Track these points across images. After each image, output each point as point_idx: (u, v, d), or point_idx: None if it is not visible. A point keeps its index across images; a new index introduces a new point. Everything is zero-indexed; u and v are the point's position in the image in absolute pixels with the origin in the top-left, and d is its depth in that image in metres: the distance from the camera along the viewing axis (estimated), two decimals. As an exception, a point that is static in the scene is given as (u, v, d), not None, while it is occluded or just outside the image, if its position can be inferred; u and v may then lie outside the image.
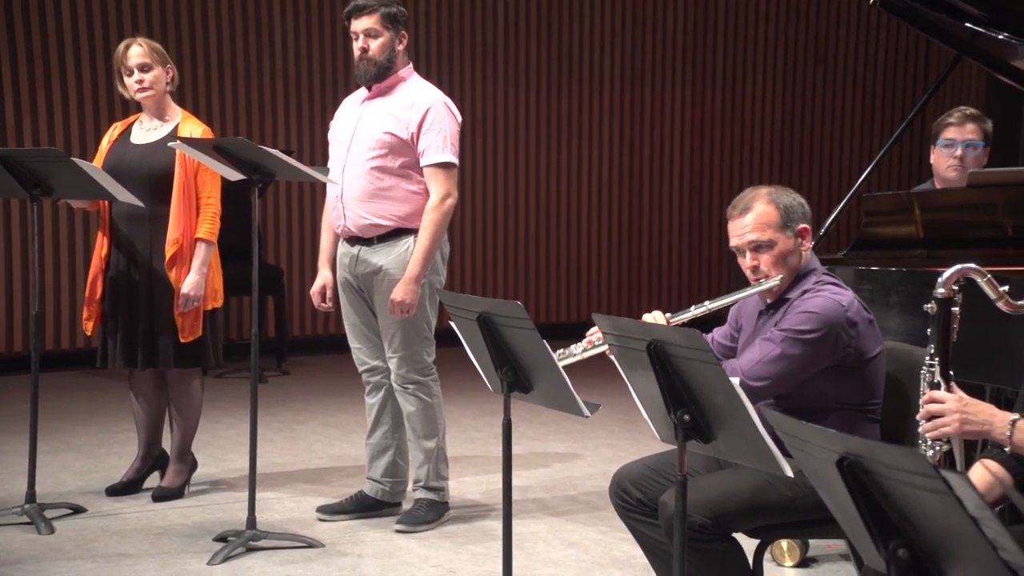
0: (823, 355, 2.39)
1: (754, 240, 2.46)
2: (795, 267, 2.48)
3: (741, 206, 2.49)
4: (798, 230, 2.47)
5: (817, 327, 2.37)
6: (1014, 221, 3.56)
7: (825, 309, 2.38)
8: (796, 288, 2.47)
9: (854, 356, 2.41)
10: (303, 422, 5.06)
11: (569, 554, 3.38)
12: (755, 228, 2.45)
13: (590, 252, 7.21)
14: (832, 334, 2.37)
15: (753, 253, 2.47)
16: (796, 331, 2.38)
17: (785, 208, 2.47)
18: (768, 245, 2.45)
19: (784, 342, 2.38)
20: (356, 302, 3.61)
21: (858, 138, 7.61)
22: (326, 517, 3.64)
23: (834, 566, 3.24)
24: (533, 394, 2.46)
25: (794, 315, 2.41)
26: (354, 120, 3.56)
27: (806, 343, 2.37)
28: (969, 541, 1.25)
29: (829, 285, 2.45)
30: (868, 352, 2.42)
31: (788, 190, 2.52)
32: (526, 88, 6.96)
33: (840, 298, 2.41)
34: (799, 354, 2.37)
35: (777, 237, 2.45)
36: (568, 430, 4.82)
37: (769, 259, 2.45)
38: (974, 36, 3.52)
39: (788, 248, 2.46)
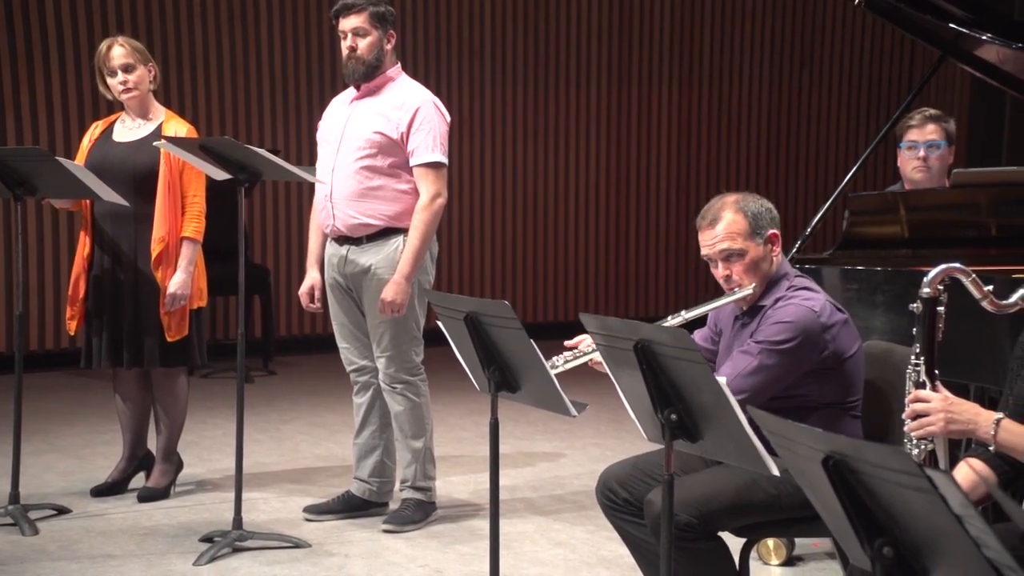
0: (801, 362, 2.40)
1: (725, 249, 2.47)
2: (767, 273, 2.49)
3: (710, 216, 2.50)
4: (768, 236, 2.48)
5: (792, 336, 2.38)
6: (998, 221, 3.59)
7: (799, 317, 2.40)
8: (770, 295, 2.49)
9: (832, 358, 2.42)
10: (290, 422, 5.05)
11: (556, 553, 3.38)
12: (725, 238, 2.46)
13: (577, 251, 7.21)
14: (808, 341, 2.39)
15: (725, 263, 2.48)
16: (772, 342, 2.39)
17: (753, 215, 2.48)
18: (739, 254, 2.46)
19: (761, 354, 2.39)
20: (344, 302, 3.61)
21: (844, 138, 7.64)
22: (313, 517, 3.63)
23: (820, 564, 3.25)
24: (520, 394, 2.46)
25: (768, 326, 2.42)
26: (343, 120, 3.55)
27: (782, 353, 2.38)
28: (953, 539, 1.25)
29: (801, 290, 2.46)
30: (846, 352, 2.44)
31: (754, 196, 2.52)
32: (513, 88, 6.96)
33: (812, 304, 2.42)
34: (776, 364, 2.38)
35: (747, 246, 2.46)
36: (555, 429, 4.83)
37: (741, 268, 2.46)
38: (958, 37, 3.54)
39: (759, 255, 2.47)
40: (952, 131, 3.59)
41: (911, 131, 3.58)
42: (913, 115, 3.60)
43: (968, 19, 3.56)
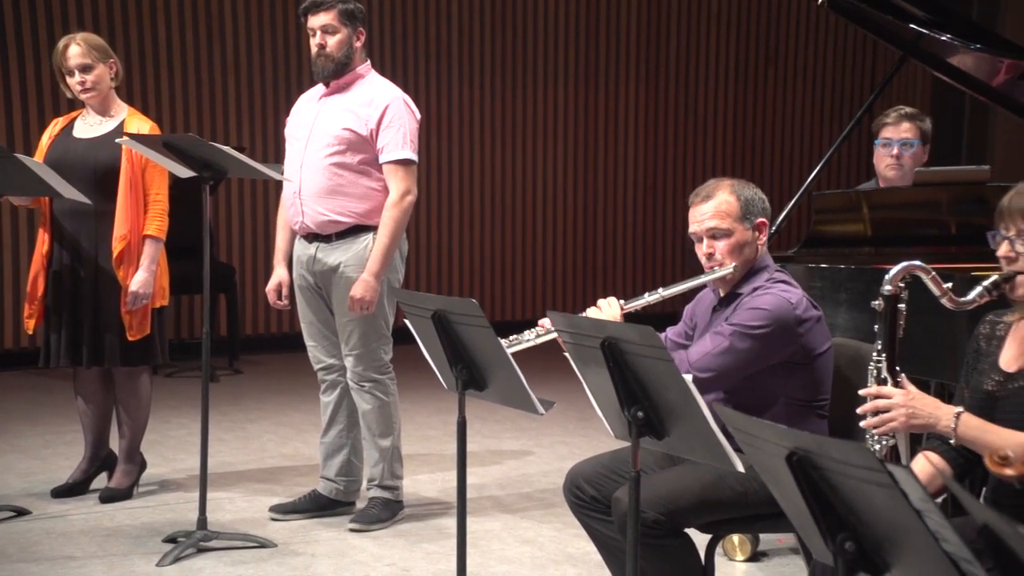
0: (771, 351, 2.43)
1: (712, 227, 2.50)
2: (749, 259, 2.52)
3: (703, 194, 2.54)
4: (756, 223, 2.52)
5: (766, 323, 2.41)
6: (957, 219, 3.64)
7: (775, 306, 2.42)
8: (748, 283, 2.51)
9: (802, 352, 2.44)
10: (255, 421, 5.02)
11: (523, 551, 3.39)
12: (715, 216, 2.50)
13: (545, 249, 7.22)
14: (780, 331, 2.41)
15: (710, 240, 2.51)
16: (745, 326, 2.42)
17: (746, 200, 2.51)
18: (725, 233, 2.49)
19: (733, 336, 2.42)
20: (313, 300, 3.59)
21: (808, 136, 7.72)
22: (279, 517, 3.61)
23: (784, 560, 3.28)
24: (488, 392, 2.46)
25: (744, 311, 2.45)
26: (312, 116, 3.54)
27: (754, 338, 2.41)
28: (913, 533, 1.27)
29: (780, 283, 2.49)
30: (816, 349, 2.46)
31: (750, 184, 2.57)
32: (480, 85, 6.96)
33: (789, 296, 2.45)
34: (747, 348, 2.41)
35: (735, 227, 2.49)
36: (523, 427, 4.83)
37: (725, 248, 2.49)
38: (919, 37, 3.59)
39: (744, 239, 2.50)
40: (927, 130, 3.63)
41: (886, 128, 3.61)
42: (889, 112, 3.63)
43: (928, 20, 3.61)
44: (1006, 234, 1.93)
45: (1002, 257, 1.94)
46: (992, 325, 2.05)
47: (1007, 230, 1.93)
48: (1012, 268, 1.93)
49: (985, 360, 2.02)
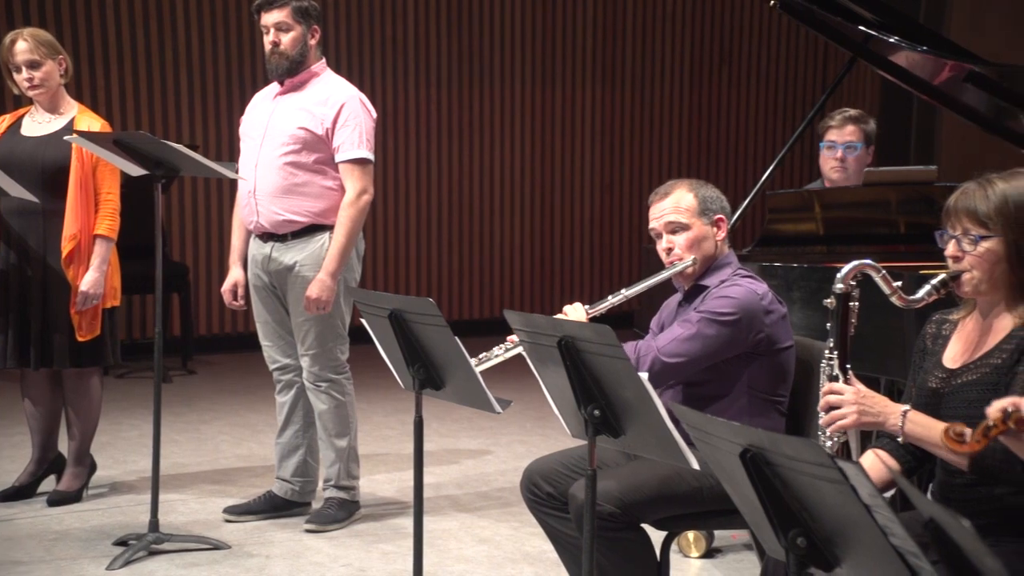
0: (737, 339, 2.47)
1: (672, 222, 2.56)
2: (709, 254, 2.57)
3: (662, 192, 2.61)
4: (714, 219, 2.57)
5: (734, 311, 2.46)
6: (906, 219, 3.71)
7: (742, 296, 2.48)
8: (714, 276, 2.56)
9: (766, 343, 2.49)
10: (209, 422, 4.96)
11: (480, 550, 3.39)
12: (673, 211, 2.56)
13: (503, 249, 7.23)
14: (747, 319, 2.46)
15: (669, 236, 2.56)
16: (714, 313, 2.47)
17: (704, 198, 2.57)
18: (684, 228, 2.55)
19: (700, 322, 2.47)
20: (268, 299, 3.56)
21: (762, 137, 7.81)
22: (233, 518, 3.58)
23: (738, 556, 3.32)
24: (445, 391, 2.46)
25: (712, 299, 2.51)
26: (266, 115, 3.51)
27: (722, 324, 2.45)
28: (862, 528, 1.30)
29: (746, 278, 2.55)
30: (779, 343, 2.51)
31: (709, 184, 2.63)
32: (437, 85, 6.94)
33: (756, 288, 2.51)
34: (714, 335, 2.45)
35: (693, 222, 2.55)
36: (480, 427, 4.83)
37: (684, 242, 2.54)
38: (867, 39, 3.65)
39: (703, 234, 2.55)
40: (871, 132, 3.70)
41: (830, 131, 3.68)
42: (834, 115, 3.70)
43: (877, 22, 3.67)
44: (953, 233, 1.97)
45: (949, 256, 1.98)
46: (938, 324, 2.09)
47: (953, 229, 1.97)
48: (958, 267, 1.97)
49: (931, 359, 2.06)
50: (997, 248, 1.93)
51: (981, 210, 1.93)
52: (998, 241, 1.93)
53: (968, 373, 1.96)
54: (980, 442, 1.58)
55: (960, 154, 6.39)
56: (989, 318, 1.99)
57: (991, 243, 1.93)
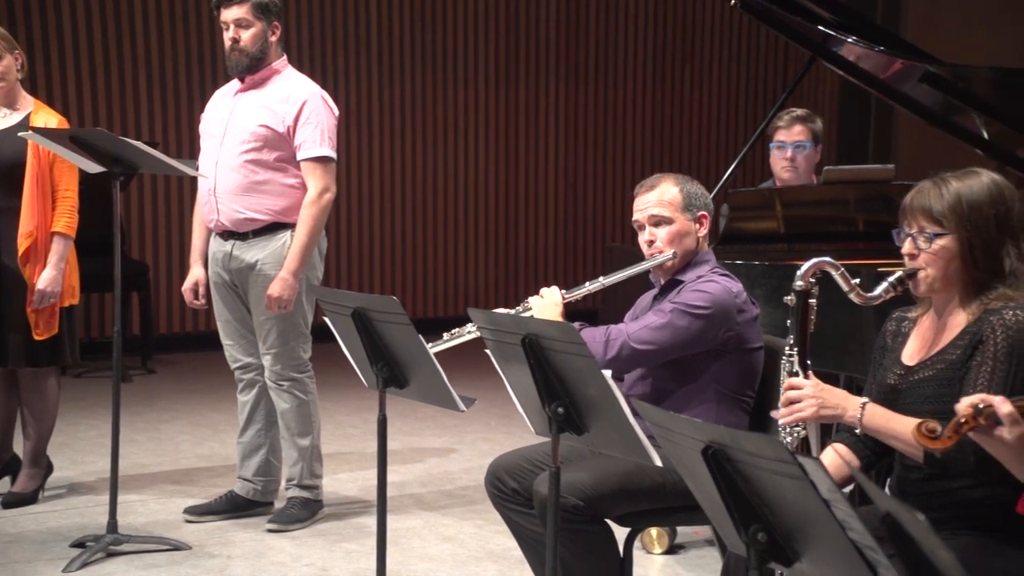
0: (708, 333, 2.49)
1: (655, 215, 2.57)
2: (690, 250, 2.59)
3: (648, 184, 2.63)
4: (697, 215, 2.60)
5: (707, 305, 2.49)
6: (865, 217, 3.77)
7: (717, 292, 2.51)
8: (691, 272, 2.58)
9: (735, 341, 2.51)
10: (169, 421, 4.91)
11: (444, 549, 3.39)
12: (657, 204, 2.58)
13: (467, 247, 7.22)
14: (719, 315, 2.49)
15: (652, 228, 2.58)
16: (687, 305, 2.50)
17: (688, 193, 2.60)
18: (667, 221, 2.57)
19: (673, 313, 2.49)
20: (229, 298, 3.53)
21: (724, 135, 7.87)
22: (194, 518, 3.54)
23: (700, 552, 3.35)
24: (409, 389, 2.45)
25: (687, 292, 2.53)
26: (227, 112, 3.48)
27: (693, 317, 2.48)
28: (821, 523, 1.32)
29: (723, 276, 2.58)
30: (749, 342, 2.53)
31: (696, 181, 2.65)
32: (400, 82, 6.91)
33: (731, 286, 2.54)
34: (685, 326, 2.48)
35: (676, 216, 2.57)
36: (445, 425, 4.83)
37: (666, 236, 2.57)
38: (826, 39, 3.69)
39: (685, 229, 2.57)
40: (818, 131, 3.75)
41: (779, 132, 3.74)
42: (782, 115, 3.75)
43: (835, 22, 3.72)
44: (909, 231, 2.00)
45: (905, 254, 2.01)
46: (898, 322, 2.12)
47: (909, 227, 2.00)
48: (914, 264, 2.00)
49: (890, 356, 2.10)
50: (951, 246, 1.96)
51: (936, 208, 1.97)
52: (952, 239, 1.96)
53: (925, 369, 2.00)
54: (952, 438, 1.60)
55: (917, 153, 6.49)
56: (944, 315, 2.03)
57: (945, 241, 1.96)
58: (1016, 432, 1.58)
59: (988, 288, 1.96)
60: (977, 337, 1.93)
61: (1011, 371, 1.87)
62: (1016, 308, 1.92)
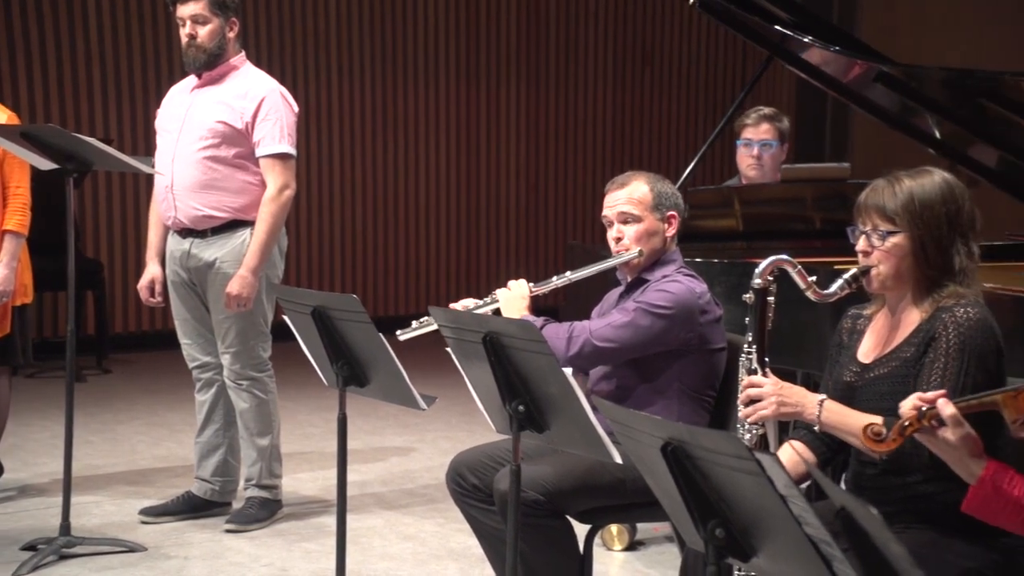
0: (670, 333, 2.50)
1: (624, 212, 2.58)
2: (657, 249, 2.60)
3: (619, 181, 2.63)
4: (666, 215, 2.61)
5: (670, 305, 2.50)
6: (821, 215, 3.82)
7: (680, 292, 2.52)
8: (657, 271, 2.59)
9: (698, 341, 2.53)
10: (125, 422, 4.84)
11: (405, 547, 3.38)
12: (627, 202, 2.59)
13: (428, 246, 7.20)
14: (682, 315, 2.50)
15: (620, 225, 2.59)
16: (650, 304, 2.51)
17: (659, 192, 2.61)
18: (635, 219, 2.58)
19: (636, 311, 2.50)
20: (187, 296, 3.49)
21: (683, 134, 7.93)
22: (150, 519, 3.50)
23: (660, 548, 3.37)
24: (369, 388, 2.44)
25: (651, 292, 2.54)
26: (184, 108, 3.44)
27: (656, 316, 2.49)
28: (778, 518, 1.33)
29: (688, 276, 2.59)
30: (712, 343, 2.55)
31: (667, 180, 2.67)
32: (360, 80, 6.88)
33: (695, 286, 2.55)
34: (647, 326, 2.49)
35: (645, 215, 2.58)
36: (406, 423, 4.81)
37: (634, 234, 2.58)
38: (783, 39, 3.73)
39: (653, 228, 2.58)
40: (785, 130, 3.79)
41: (746, 129, 3.76)
42: (749, 113, 3.78)
43: (792, 22, 3.76)
44: (863, 229, 2.03)
45: (859, 251, 2.04)
46: (853, 319, 2.15)
47: (864, 225, 2.03)
48: (867, 262, 2.02)
49: (846, 353, 2.12)
50: (904, 243, 1.99)
51: (889, 207, 1.99)
52: (905, 237, 1.99)
53: (880, 367, 2.02)
54: (896, 440, 1.63)
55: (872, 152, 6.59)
56: (897, 312, 2.06)
57: (898, 239, 1.99)
58: (959, 434, 1.61)
59: (939, 286, 1.99)
60: (930, 335, 1.96)
61: (963, 367, 1.90)
62: (967, 305, 1.95)
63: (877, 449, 1.65)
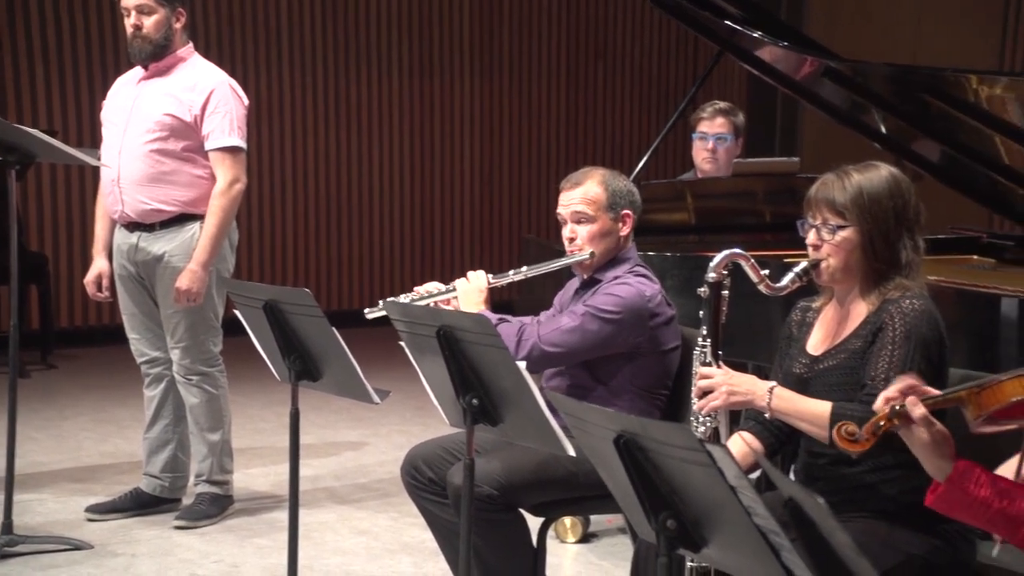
0: (619, 338, 2.50)
1: (578, 212, 2.57)
2: (611, 248, 2.59)
3: (574, 180, 2.61)
4: (621, 214, 2.60)
5: (618, 310, 2.49)
6: (772, 208, 3.86)
7: (629, 296, 2.51)
8: (610, 271, 2.59)
9: (648, 345, 2.53)
10: (71, 418, 4.75)
11: (358, 542, 3.36)
12: (582, 202, 2.57)
13: (382, 240, 7.16)
14: (631, 320, 2.49)
15: (574, 225, 2.58)
16: (599, 309, 2.50)
17: (614, 191, 2.59)
18: (589, 220, 2.57)
19: (585, 316, 2.50)
20: (135, 290, 3.44)
21: (636, 127, 7.97)
22: (96, 517, 3.45)
23: (613, 540, 3.39)
24: (322, 382, 2.43)
25: (600, 295, 2.54)
26: (130, 100, 3.38)
27: (604, 322, 2.49)
28: (728, 509, 1.35)
29: (640, 276, 2.58)
30: (663, 344, 2.55)
31: (622, 176, 2.65)
32: (313, 73, 6.81)
33: (645, 289, 2.54)
34: (595, 331, 2.49)
35: (599, 215, 2.57)
36: (360, 417, 4.79)
37: (587, 234, 2.57)
38: (733, 34, 3.77)
39: (606, 228, 2.57)
40: (740, 124, 3.82)
41: (702, 123, 3.79)
42: (705, 107, 3.80)
43: (742, 17, 3.80)
44: (813, 222, 2.06)
45: (810, 245, 2.07)
46: (803, 312, 2.18)
47: (814, 219, 2.06)
48: (817, 255, 2.05)
49: (795, 345, 2.15)
50: (853, 237, 2.02)
51: (838, 200, 2.02)
52: (854, 231, 2.02)
53: (829, 359, 2.05)
54: (869, 440, 1.64)
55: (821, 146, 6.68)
56: (846, 305, 2.09)
57: (847, 232, 2.02)
58: (930, 432, 1.63)
59: (886, 278, 2.03)
60: (877, 325, 1.99)
61: (909, 355, 1.94)
62: (913, 297, 1.99)
63: (852, 449, 1.66)
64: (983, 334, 2.79)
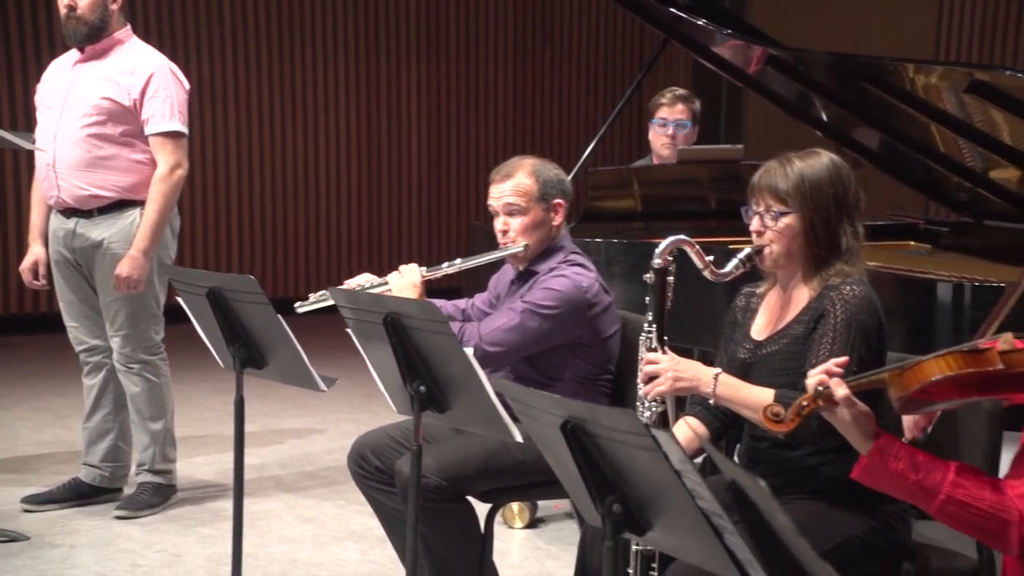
0: (559, 331, 2.51)
1: (510, 204, 2.56)
2: (544, 239, 2.59)
3: (504, 172, 2.59)
4: (552, 204, 2.59)
5: (556, 304, 2.49)
6: (717, 195, 3.90)
7: (566, 289, 2.51)
8: (544, 262, 2.58)
9: (590, 335, 2.54)
10: (7, 407, 4.65)
11: (304, 530, 3.34)
12: (512, 194, 2.56)
13: (328, 225, 7.10)
14: (569, 313, 2.50)
15: (506, 217, 2.57)
16: (536, 305, 2.50)
17: (544, 182, 2.58)
18: (521, 212, 2.56)
19: (524, 313, 2.49)
20: (72, 277, 3.37)
21: (583, 114, 7.99)
22: (33, 507, 3.38)
23: (560, 524, 3.42)
24: (268, 370, 2.41)
25: (537, 290, 2.53)
26: (66, 84, 3.30)
27: (543, 318, 2.49)
28: (673, 492, 1.36)
29: (576, 266, 2.57)
30: (603, 332, 2.56)
31: (552, 165, 2.64)
32: (256, 56, 6.70)
33: (582, 279, 2.53)
34: (536, 327, 2.49)
35: (531, 207, 2.56)
36: (306, 405, 4.75)
37: (519, 226, 2.56)
38: (678, 21, 3.79)
39: (539, 219, 2.57)
40: (697, 111, 3.86)
41: (661, 109, 3.81)
42: (664, 93, 3.82)
43: (686, 5, 3.82)
44: (756, 209, 2.08)
45: (753, 231, 2.09)
46: (747, 297, 2.21)
47: (757, 205, 2.08)
48: (760, 241, 2.08)
49: (740, 331, 2.18)
50: (795, 224, 2.05)
51: (781, 187, 2.05)
52: (796, 217, 2.05)
53: (772, 344, 2.09)
54: (794, 420, 1.69)
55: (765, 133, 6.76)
56: (789, 290, 2.12)
57: (790, 219, 2.05)
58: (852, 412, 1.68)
59: (827, 264, 2.06)
60: (819, 312, 2.03)
61: (850, 341, 1.97)
62: (853, 284, 2.03)
63: (777, 429, 1.71)
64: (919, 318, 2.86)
